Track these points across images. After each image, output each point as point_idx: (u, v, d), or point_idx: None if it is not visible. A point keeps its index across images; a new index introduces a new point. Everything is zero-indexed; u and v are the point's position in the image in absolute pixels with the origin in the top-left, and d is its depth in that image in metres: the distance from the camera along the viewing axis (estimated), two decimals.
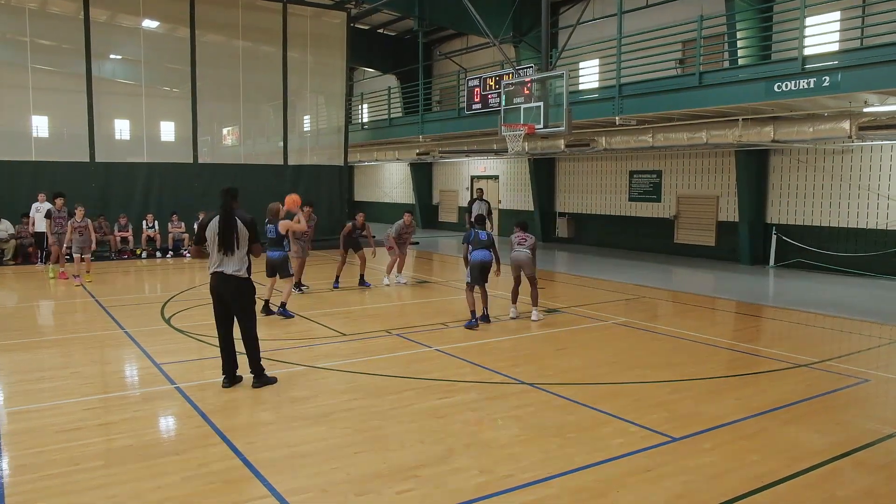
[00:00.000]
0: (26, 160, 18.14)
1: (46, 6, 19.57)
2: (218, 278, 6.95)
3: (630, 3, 18.83)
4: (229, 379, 7.09)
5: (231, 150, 22.76)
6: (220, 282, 6.94)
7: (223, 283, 6.92)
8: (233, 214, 6.95)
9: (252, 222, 7.03)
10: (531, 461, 5.22)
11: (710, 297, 13.02)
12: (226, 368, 7.10)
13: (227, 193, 7.06)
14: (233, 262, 6.88)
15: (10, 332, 9.69)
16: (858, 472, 5.11)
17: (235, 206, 7.05)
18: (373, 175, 35.53)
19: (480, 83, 18.09)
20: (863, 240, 15.57)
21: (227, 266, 6.88)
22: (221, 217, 6.94)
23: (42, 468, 4.99)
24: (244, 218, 6.99)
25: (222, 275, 6.91)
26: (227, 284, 6.90)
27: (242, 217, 6.99)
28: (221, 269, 6.91)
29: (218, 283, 6.95)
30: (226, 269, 6.89)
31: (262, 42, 22.03)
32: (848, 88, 11.77)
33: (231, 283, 6.90)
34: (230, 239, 6.85)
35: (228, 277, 6.89)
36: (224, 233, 6.86)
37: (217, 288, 6.97)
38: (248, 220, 7.00)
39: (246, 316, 7.07)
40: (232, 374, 7.12)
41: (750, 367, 8.09)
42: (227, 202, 6.99)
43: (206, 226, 7.02)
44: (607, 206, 22.11)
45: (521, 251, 10.54)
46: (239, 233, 6.90)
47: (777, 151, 17.00)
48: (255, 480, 4.85)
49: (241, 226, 6.93)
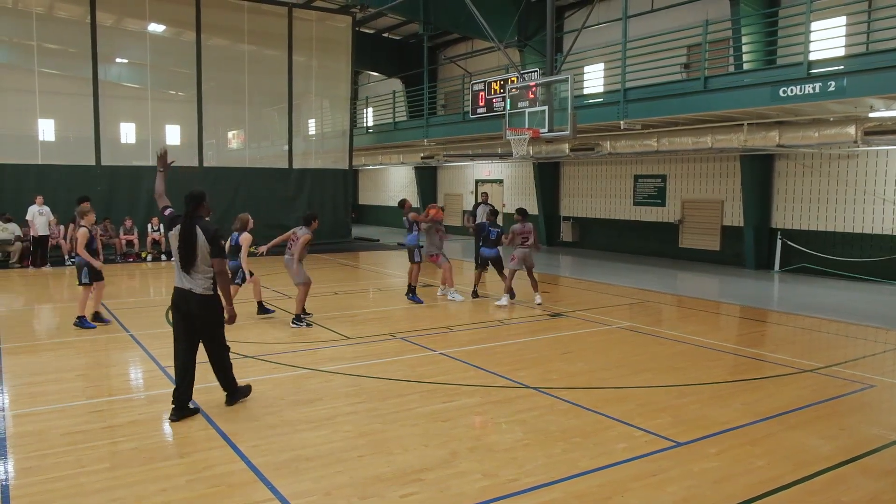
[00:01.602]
0: (32, 163, 18.22)
1: (53, 10, 19.68)
2: (179, 295, 6.17)
3: (635, 8, 18.84)
4: (179, 410, 6.09)
5: (236, 154, 22.82)
6: (181, 299, 6.17)
7: (184, 300, 6.15)
8: (194, 224, 6.07)
9: (215, 235, 6.11)
10: (535, 465, 5.21)
11: (715, 302, 13.00)
12: (178, 396, 6.11)
13: (191, 199, 6.18)
14: (195, 278, 6.09)
15: (16, 334, 9.72)
16: (864, 478, 5.09)
17: (202, 214, 6.23)
18: (377, 179, 35.56)
19: (485, 87, 18.12)
20: (868, 245, 15.52)
21: (189, 282, 6.10)
22: (182, 227, 6.08)
23: (47, 471, 5.01)
24: (207, 229, 6.10)
25: (182, 291, 6.14)
26: (189, 302, 6.12)
27: (205, 228, 6.10)
28: (182, 285, 6.14)
29: (179, 300, 6.18)
30: (187, 285, 6.11)
31: (268, 46, 22.12)
32: (853, 93, 11.75)
33: (192, 300, 6.11)
34: (190, 253, 6.03)
35: (189, 295, 6.11)
36: (183, 245, 6.04)
37: (178, 305, 6.19)
38: (211, 233, 6.09)
39: (213, 340, 6.32)
40: (184, 403, 6.15)
41: (755, 371, 8.07)
42: (191, 210, 6.12)
43: (169, 229, 6.25)
44: (612, 211, 22.10)
45: (523, 250, 11.97)
46: (199, 246, 6.05)
47: (782, 156, 16.97)
48: (258, 484, 4.85)
49: (202, 238, 6.06)
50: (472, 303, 12.50)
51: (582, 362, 8.40)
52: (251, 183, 20.98)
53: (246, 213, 10.76)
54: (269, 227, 16.92)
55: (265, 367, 7.98)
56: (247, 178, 21.08)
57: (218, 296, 6.25)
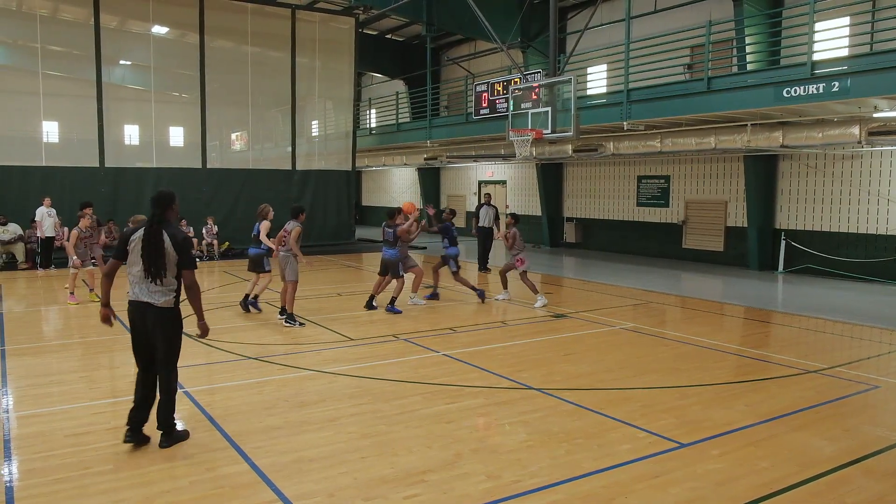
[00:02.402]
0: (36, 165, 18.27)
1: (57, 12, 19.74)
2: (136, 309, 5.52)
3: (638, 9, 18.83)
4: (134, 433, 5.51)
5: (239, 155, 22.86)
6: (138, 313, 5.52)
7: (142, 314, 5.49)
8: (160, 230, 5.45)
9: (184, 242, 5.53)
10: (539, 466, 5.21)
11: (719, 303, 12.98)
12: (133, 416, 5.52)
13: (158, 201, 5.53)
14: (156, 290, 5.45)
15: (20, 336, 9.75)
16: (868, 480, 5.08)
17: (170, 218, 5.58)
18: (380, 180, 35.59)
19: (488, 88, 18.14)
20: (872, 245, 15.49)
21: (148, 294, 5.46)
22: (146, 234, 5.44)
23: (51, 472, 5.02)
24: (175, 235, 5.49)
25: (140, 305, 5.49)
26: (147, 316, 5.47)
27: (174, 234, 5.49)
28: (140, 298, 5.49)
29: (136, 315, 5.54)
30: (146, 298, 5.46)
31: (271, 48, 22.16)
32: (857, 94, 11.73)
33: (150, 314, 5.46)
34: (155, 261, 5.40)
35: (147, 309, 5.46)
36: (148, 253, 5.39)
37: (135, 320, 5.56)
38: (180, 240, 5.50)
39: (166, 356, 5.55)
40: (139, 426, 5.54)
41: (758, 372, 8.06)
42: (157, 213, 5.48)
43: (127, 239, 5.55)
44: (615, 212, 22.09)
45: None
46: (167, 254, 5.44)
47: (786, 156, 16.95)
48: (262, 485, 4.86)
49: (169, 245, 5.44)
50: (475, 304, 12.49)
51: (585, 363, 8.40)
52: (255, 184, 21.01)
53: (266, 204, 11.64)
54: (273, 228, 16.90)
55: (268, 369, 7.99)
56: (250, 179, 21.12)
57: (179, 310, 5.62)
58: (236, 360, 8.36)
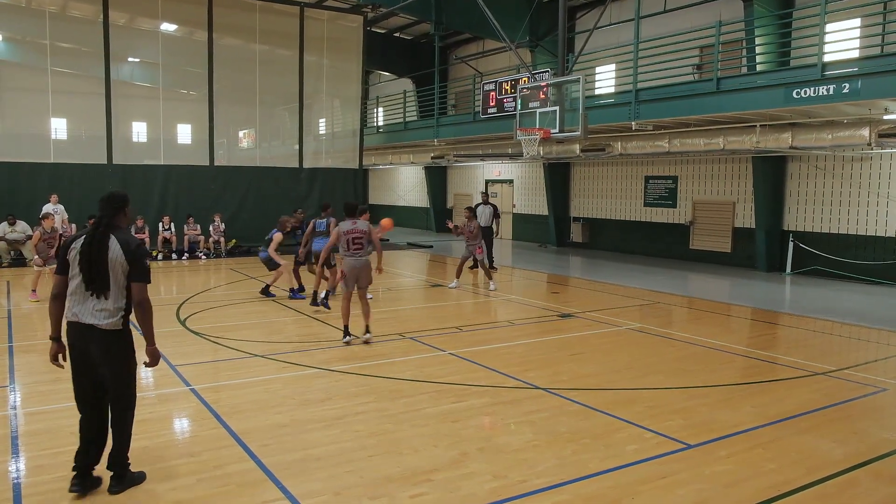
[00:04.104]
0: (45, 162, 18.34)
1: (66, 9, 19.80)
2: (77, 332, 4.62)
3: (647, 9, 18.75)
4: (81, 478, 4.67)
5: (247, 153, 22.90)
6: (79, 337, 4.61)
7: (85, 337, 4.60)
8: (107, 235, 4.63)
9: (138, 250, 4.67)
10: (545, 466, 5.20)
11: (726, 304, 12.93)
12: (80, 460, 4.69)
13: (108, 204, 4.73)
14: (100, 308, 4.60)
15: (28, 333, 9.79)
16: (876, 483, 5.05)
17: (121, 223, 4.78)
18: (388, 178, 35.61)
19: (496, 87, 18.12)
20: (881, 248, 15.40)
21: (91, 314, 4.59)
22: (88, 240, 4.61)
23: (58, 469, 5.02)
24: (128, 242, 4.66)
25: (81, 327, 4.60)
26: (91, 341, 4.60)
27: (125, 241, 4.65)
28: (81, 318, 4.60)
29: (77, 340, 4.62)
30: (88, 319, 4.59)
31: (279, 45, 22.16)
32: (868, 95, 11.65)
33: (94, 339, 4.59)
34: (101, 274, 4.58)
35: (91, 332, 4.59)
36: (90, 263, 4.55)
37: (77, 344, 4.63)
38: (133, 247, 4.65)
39: (118, 390, 4.72)
40: (88, 469, 4.72)
41: (766, 374, 8.03)
42: (106, 216, 4.68)
43: (68, 247, 4.68)
44: (622, 212, 22.03)
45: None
46: (114, 264, 4.60)
47: (795, 158, 16.87)
48: (268, 483, 4.86)
49: (120, 253, 4.60)
50: (478, 303, 12.49)
51: (592, 363, 8.38)
52: (262, 182, 21.05)
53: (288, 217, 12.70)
54: None
55: (275, 367, 8.00)
56: (257, 177, 21.14)
57: (129, 332, 4.74)
58: (243, 358, 8.38)
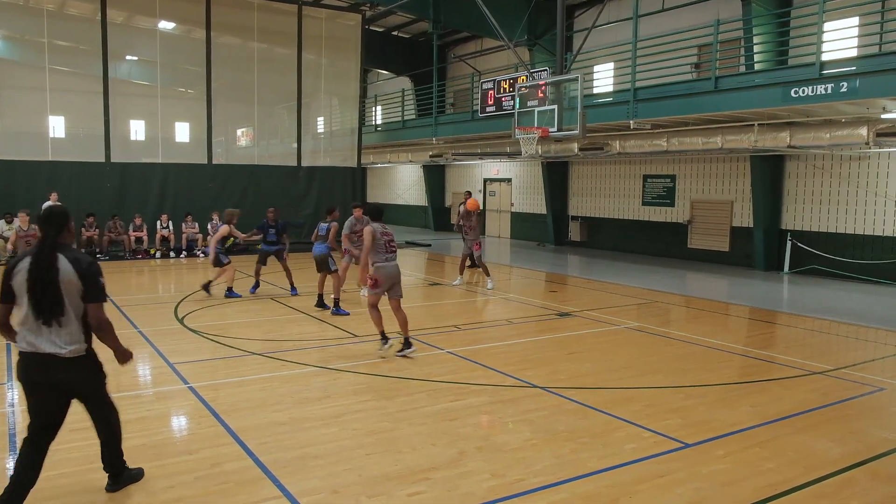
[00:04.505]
0: (43, 160, 18.31)
1: (64, 8, 19.78)
2: (35, 364, 4.16)
3: (646, 7, 18.77)
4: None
5: (245, 152, 22.88)
6: (40, 368, 4.16)
7: (47, 369, 4.15)
8: (54, 255, 4.13)
9: (91, 268, 4.20)
10: (543, 465, 5.21)
11: (724, 303, 12.95)
12: (6, 500, 4.14)
13: (48, 221, 4.22)
14: (59, 335, 4.15)
15: None
16: (873, 482, 5.06)
17: (67, 240, 4.27)
18: (386, 177, 35.60)
19: (494, 86, 18.10)
20: (879, 247, 15.43)
21: (49, 343, 4.14)
22: (34, 261, 4.11)
23: (56, 466, 5.01)
24: (79, 260, 4.19)
25: (41, 358, 4.14)
26: (55, 370, 4.15)
27: (76, 259, 4.18)
28: (39, 348, 4.13)
29: (35, 372, 4.18)
30: (48, 348, 4.13)
31: (277, 44, 22.14)
32: (866, 94, 11.66)
33: (58, 370, 4.16)
34: (54, 298, 4.09)
35: (52, 361, 4.14)
36: (38, 286, 4.07)
37: (34, 379, 4.19)
38: (85, 265, 4.18)
39: (100, 405, 4.55)
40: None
41: (764, 373, 8.04)
42: (51, 234, 4.18)
43: (11, 271, 4.16)
44: (620, 211, 22.04)
45: None
46: (66, 286, 4.12)
47: (793, 157, 16.88)
48: (266, 481, 4.86)
49: (71, 273, 4.13)
50: (476, 302, 12.50)
51: (590, 362, 8.39)
52: (260, 180, 21.03)
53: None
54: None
55: (273, 365, 7.99)
56: (256, 175, 21.12)
57: (93, 352, 4.38)
58: (241, 356, 8.37)
